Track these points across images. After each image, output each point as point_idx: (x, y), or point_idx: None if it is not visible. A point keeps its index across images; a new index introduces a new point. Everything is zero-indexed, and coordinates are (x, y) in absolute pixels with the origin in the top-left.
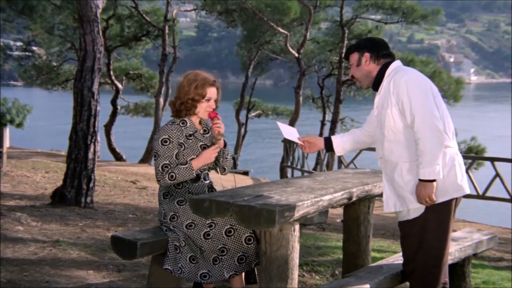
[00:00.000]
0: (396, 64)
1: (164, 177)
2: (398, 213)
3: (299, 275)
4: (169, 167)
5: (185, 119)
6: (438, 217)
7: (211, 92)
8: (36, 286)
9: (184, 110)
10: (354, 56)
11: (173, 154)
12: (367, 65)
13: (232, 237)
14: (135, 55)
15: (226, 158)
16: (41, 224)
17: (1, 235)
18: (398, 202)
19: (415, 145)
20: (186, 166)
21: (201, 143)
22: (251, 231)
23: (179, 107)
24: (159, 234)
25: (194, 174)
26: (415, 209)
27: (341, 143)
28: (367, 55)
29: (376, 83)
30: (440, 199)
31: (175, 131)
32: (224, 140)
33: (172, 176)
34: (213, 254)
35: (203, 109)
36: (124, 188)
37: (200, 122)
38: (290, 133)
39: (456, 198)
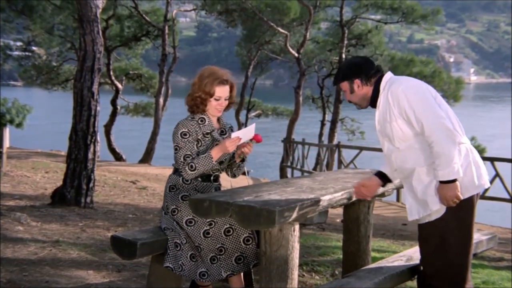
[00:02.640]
0: (388, 76)
1: (185, 168)
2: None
3: (299, 275)
4: (191, 157)
5: (204, 116)
6: (459, 216)
7: (221, 91)
8: (36, 286)
9: (194, 106)
10: (345, 85)
11: (193, 145)
12: (361, 90)
13: (231, 236)
14: (135, 55)
15: (239, 169)
16: (41, 224)
17: (1, 235)
18: (421, 208)
19: (428, 148)
20: (205, 155)
21: (217, 142)
22: (250, 232)
23: (190, 102)
24: (159, 234)
25: (214, 163)
26: (437, 210)
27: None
28: (357, 81)
29: (373, 100)
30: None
31: (193, 126)
32: (244, 157)
33: (192, 166)
34: (210, 253)
35: (212, 107)
36: (124, 188)
37: (218, 121)
38: (247, 134)
39: (476, 194)
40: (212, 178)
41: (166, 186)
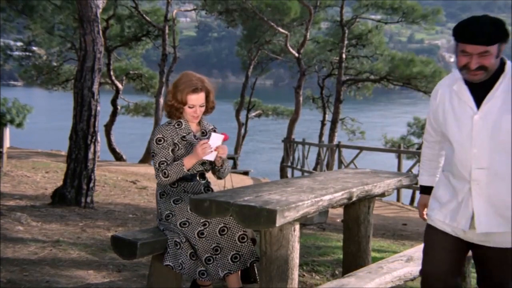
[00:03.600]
0: (509, 62)
1: (159, 174)
2: (495, 235)
3: (299, 275)
4: (165, 164)
5: (181, 120)
6: None
7: (193, 99)
8: (36, 286)
9: (170, 112)
10: (494, 48)
11: (169, 152)
12: (498, 57)
13: (226, 235)
14: (135, 55)
15: (223, 173)
16: (41, 224)
17: (1, 235)
18: (502, 222)
19: None
20: (177, 163)
21: (195, 144)
22: (244, 230)
23: (166, 109)
24: (159, 234)
25: (185, 171)
26: None
27: (432, 177)
28: (503, 46)
29: (489, 79)
30: None
31: (169, 131)
32: (222, 160)
33: (165, 173)
34: (205, 254)
35: (188, 114)
36: (124, 188)
37: (199, 124)
38: (215, 139)
39: None
40: (197, 176)
41: (157, 194)
